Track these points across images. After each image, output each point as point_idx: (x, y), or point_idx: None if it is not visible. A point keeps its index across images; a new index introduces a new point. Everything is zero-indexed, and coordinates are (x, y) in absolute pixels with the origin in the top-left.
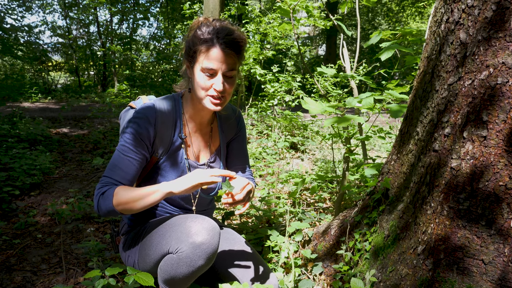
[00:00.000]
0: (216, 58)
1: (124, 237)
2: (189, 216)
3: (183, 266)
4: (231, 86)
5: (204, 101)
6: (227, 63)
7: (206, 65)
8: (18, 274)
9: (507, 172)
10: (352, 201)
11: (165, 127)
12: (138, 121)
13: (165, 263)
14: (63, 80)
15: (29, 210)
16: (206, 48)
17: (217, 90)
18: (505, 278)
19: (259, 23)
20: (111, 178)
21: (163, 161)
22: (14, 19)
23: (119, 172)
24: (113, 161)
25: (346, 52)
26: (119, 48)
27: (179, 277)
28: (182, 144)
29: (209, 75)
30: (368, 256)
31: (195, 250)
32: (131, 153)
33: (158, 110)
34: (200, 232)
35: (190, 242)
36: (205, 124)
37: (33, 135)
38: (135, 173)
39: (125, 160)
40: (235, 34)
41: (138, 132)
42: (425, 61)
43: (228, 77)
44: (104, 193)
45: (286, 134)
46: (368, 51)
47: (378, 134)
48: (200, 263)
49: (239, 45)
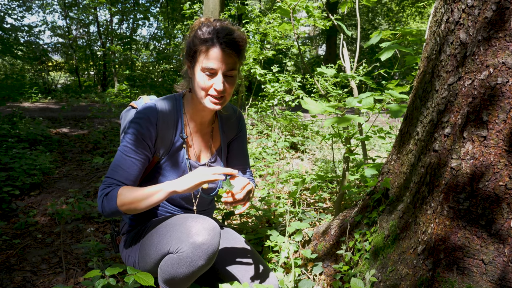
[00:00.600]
0: (216, 57)
1: (124, 236)
2: (189, 216)
3: (184, 266)
4: (231, 86)
5: (204, 100)
6: (227, 62)
7: (206, 64)
8: (18, 274)
9: (507, 172)
10: (352, 201)
11: (166, 127)
12: (140, 121)
13: (166, 263)
14: (63, 80)
15: (29, 210)
16: (206, 48)
17: (217, 90)
18: (505, 278)
19: (259, 23)
20: (114, 179)
21: (164, 161)
22: (14, 19)
23: (122, 173)
24: (115, 162)
25: (346, 52)
26: (119, 48)
27: (180, 277)
28: (183, 144)
29: (209, 75)
30: (368, 256)
31: (195, 250)
32: (133, 153)
33: (159, 111)
34: (201, 232)
35: (190, 242)
36: (205, 124)
37: (33, 135)
38: (138, 174)
39: (128, 161)
40: (235, 34)
41: (140, 133)
42: (425, 61)
43: (229, 76)
44: (108, 194)
45: (286, 134)
46: (368, 51)
47: (378, 134)
48: (200, 263)
49: (239, 45)
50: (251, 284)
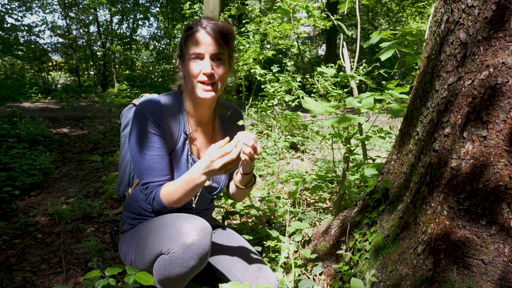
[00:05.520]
0: (201, 41)
1: (123, 234)
2: (180, 215)
3: (176, 267)
4: (221, 72)
5: (196, 90)
6: (213, 45)
7: (193, 50)
8: (18, 274)
9: (507, 172)
10: (352, 201)
11: (171, 120)
12: (146, 115)
13: (159, 264)
14: (63, 80)
15: (29, 210)
16: (191, 34)
17: (205, 74)
18: (505, 278)
19: (259, 23)
20: (152, 182)
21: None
22: (14, 18)
23: (155, 172)
24: (143, 165)
25: (346, 52)
26: (119, 48)
27: (173, 277)
28: (186, 140)
29: (196, 59)
30: (368, 256)
31: (186, 251)
32: (154, 149)
33: (163, 104)
34: (191, 233)
35: (180, 242)
36: (205, 123)
37: (33, 135)
38: (168, 164)
39: (154, 158)
40: (219, 22)
41: (150, 127)
42: (425, 61)
43: (217, 60)
44: (154, 198)
45: (286, 134)
46: (368, 51)
47: (378, 134)
48: (192, 264)
49: (224, 31)
50: (251, 284)
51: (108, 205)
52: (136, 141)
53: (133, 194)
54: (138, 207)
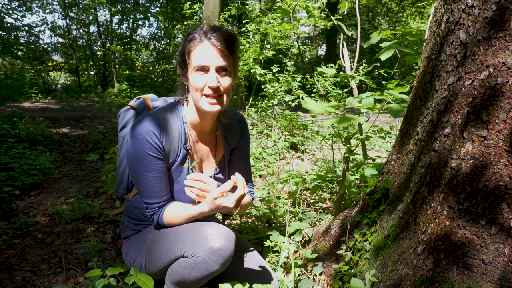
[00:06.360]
0: (206, 53)
1: (127, 241)
2: (204, 222)
3: (198, 270)
4: (227, 84)
5: (201, 103)
6: (219, 57)
7: (197, 62)
8: (18, 274)
9: (507, 172)
10: (352, 201)
11: (170, 138)
12: (145, 136)
13: (179, 265)
14: (63, 80)
15: (29, 210)
16: (195, 45)
17: (211, 87)
18: (505, 278)
19: (259, 23)
20: (153, 203)
21: (170, 170)
22: (14, 18)
23: (155, 193)
24: (143, 185)
25: (346, 52)
26: (119, 48)
27: (191, 280)
28: (187, 155)
29: (202, 73)
30: (368, 256)
31: (212, 255)
32: (152, 171)
33: (162, 120)
34: (218, 238)
35: (207, 247)
36: (207, 133)
37: (33, 135)
38: (166, 183)
39: (152, 179)
40: (223, 30)
41: (148, 149)
42: (425, 61)
43: (223, 72)
44: (157, 221)
45: (286, 134)
46: (368, 51)
47: (378, 134)
48: (215, 268)
49: (229, 39)
50: (251, 284)
51: (108, 205)
52: (134, 161)
53: (133, 201)
54: (140, 214)
